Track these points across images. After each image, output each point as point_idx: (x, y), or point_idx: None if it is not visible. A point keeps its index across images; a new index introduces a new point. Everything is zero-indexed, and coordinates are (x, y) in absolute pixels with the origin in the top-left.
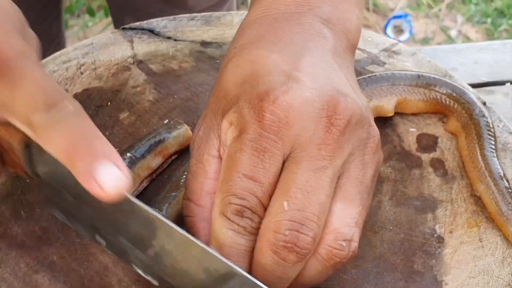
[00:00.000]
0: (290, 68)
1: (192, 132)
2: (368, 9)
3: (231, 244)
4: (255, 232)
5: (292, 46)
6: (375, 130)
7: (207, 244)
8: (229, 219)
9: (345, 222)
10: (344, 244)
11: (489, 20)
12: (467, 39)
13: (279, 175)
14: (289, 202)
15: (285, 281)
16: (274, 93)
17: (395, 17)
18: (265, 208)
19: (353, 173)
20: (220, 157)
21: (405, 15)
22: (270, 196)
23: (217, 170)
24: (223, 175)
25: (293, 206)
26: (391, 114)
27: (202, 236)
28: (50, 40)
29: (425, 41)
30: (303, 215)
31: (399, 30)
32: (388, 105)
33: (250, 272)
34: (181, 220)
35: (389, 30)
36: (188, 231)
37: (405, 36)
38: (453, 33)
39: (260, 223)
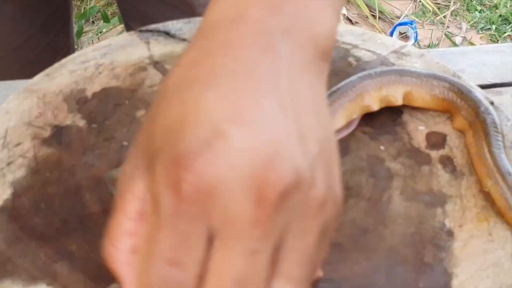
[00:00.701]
0: (222, 116)
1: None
2: (374, 16)
3: None
4: None
5: (236, 76)
6: (318, 188)
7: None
8: None
9: None
10: None
11: (493, 27)
12: (472, 45)
13: (206, 253)
14: None
15: None
16: (191, 157)
17: (401, 24)
18: None
19: (291, 245)
20: (144, 200)
21: (411, 22)
22: (197, 278)
23: (138, 211)
24: (141, 260)
25: None
26: (399, 104)
27: (124, 279)
28: (57, 50)
29: (430, 47)
30: None
31: (404, 37)
32: (396, 94)
33: None
34: None
35: (394, 37)
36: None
37: (410, 42)
38: (457, 39)
39: None
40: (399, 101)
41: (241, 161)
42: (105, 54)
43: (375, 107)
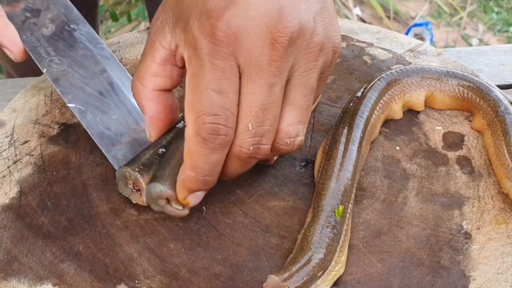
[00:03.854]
0: None
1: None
2: (389, 17)
3: (206, 161)
4: (228, 145)
5: None
6: (318, 36)
7: (158, 115)
8: (204, 139)
9: (290, 123)
10: (289, 142)
11: (511, 28)
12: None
13: (239, 86)
14: (252, 122)
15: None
16: (220, 10)
17: (416, 25)
18: (236, 116)
19: (298, 80)
20: (170, 50)
21: (426, 23)
22: (237, 104)
23: (164, 58)
24: (191, 95)
25: (255, 124)
26: (421, 109)
27: (148, 112)
28: None
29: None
30: (263, 130)
31: (420, 38)
32: (418, 99)
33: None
34: None
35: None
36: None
37: (426, 44)
38: (474, 41)
39: (232, 135)
40: (421, 105)
41: (258, 14)
42: (114, 51)
43: (400, 115)
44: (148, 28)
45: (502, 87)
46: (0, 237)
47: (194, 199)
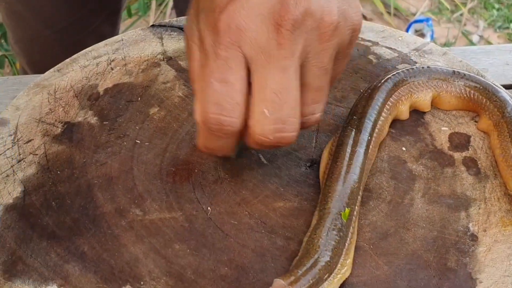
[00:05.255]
0: None
1: None
2: (389, 13)
3: (215, 144)
4: (236, 133)
5: None
6: (331, 15)
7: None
8: (210, 129)
9: (304, 103)
10: (304, 120)
11: (511, 25)
12: (490, 44)
13: (248, 77)
14: (269, 108)
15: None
16: (224, 4)
17: (417, 21)
18: (243, 106)
19: (312, 61)
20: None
21: (427, 20)
22: (245, 95)
23: (198, 55)
24: (198, 85)
25: (273, 110)
26: (428, 110)
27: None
28: (101, 37)
29: (447, 46)
30: (283, 115)
31: (420, 35)
32: (425, 100)
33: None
34: None
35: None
36: None
37: (426, 40)
38: (474, 38)
39: (241, 124)
40: (428, 106)
41: (261, 3)
42: (117, 49)
43: (407, 115)
44: (152, 25)
45: (507, 86)
46: (4, 238)
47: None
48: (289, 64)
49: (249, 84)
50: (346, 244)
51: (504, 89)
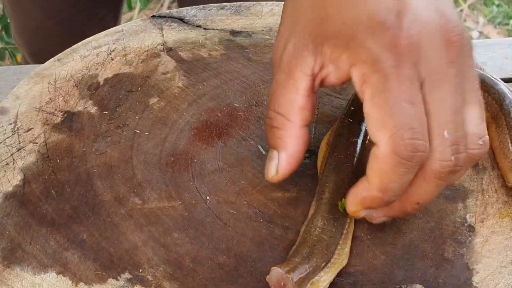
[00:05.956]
0: None
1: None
2: None
3: (399, 181)
4: (421, 164)
5: None
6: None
7: (297, 153)
8: (403, 158)
9: (475, 123)
10: (481, 143)
11: (511, 21)
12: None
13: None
14: (448, 129)
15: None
16: (394, 20)
17: None
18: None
19: (466, 76)
20: (312, 75)
21: None
22: (425, 115)
23: (308, 88)
24: (381, 111)
25: (451, 131)
26: None
27: (289, 149)
28: (103, 29)
29: None
30: (459, 136)
31: None
32: None
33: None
34: None
35: None
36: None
37: None
38: (474, 34)
39: (429, 151)
40: None
41: (429, 18)
42: (117, 39)
43: None
44: (153, 16)
45: (506, 80)
46: (3, 225)
47: (368, 213)
48: (460, 83)
49: None
50: (343, 234)
51: (502, 82)
